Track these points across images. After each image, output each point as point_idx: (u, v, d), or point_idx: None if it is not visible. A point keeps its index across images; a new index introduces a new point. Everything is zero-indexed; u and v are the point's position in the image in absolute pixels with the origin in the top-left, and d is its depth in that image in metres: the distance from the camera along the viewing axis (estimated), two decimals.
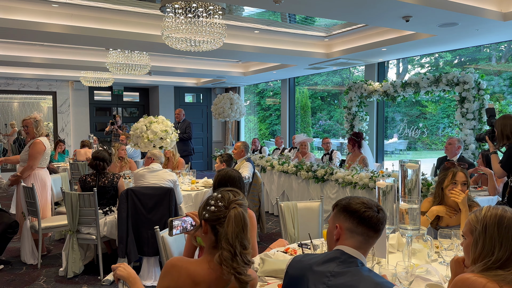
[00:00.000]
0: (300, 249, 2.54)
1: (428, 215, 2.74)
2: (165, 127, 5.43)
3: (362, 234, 1.53)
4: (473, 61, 10.95)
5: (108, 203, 4.22)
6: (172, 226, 1.92)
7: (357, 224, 1.53)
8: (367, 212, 1.53)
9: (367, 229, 1.53)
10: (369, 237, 1.54)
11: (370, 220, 1.52)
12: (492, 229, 1.44)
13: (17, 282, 4.02)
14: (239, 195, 1.65)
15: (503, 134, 3.34)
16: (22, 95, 10.54)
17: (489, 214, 1.47)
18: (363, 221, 1.53)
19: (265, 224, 5.40)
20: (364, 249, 1.55)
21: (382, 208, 1.58)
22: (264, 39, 6.72)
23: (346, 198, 1.61)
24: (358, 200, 1.57)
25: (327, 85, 14.69)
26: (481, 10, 4.57)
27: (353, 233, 1.54)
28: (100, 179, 4.20)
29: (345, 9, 4.40)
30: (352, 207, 1.56)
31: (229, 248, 1.53)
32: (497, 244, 1.41)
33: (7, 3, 4.99)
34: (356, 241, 1.53)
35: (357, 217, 1.53)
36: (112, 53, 6.52)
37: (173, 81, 11.36)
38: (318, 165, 5.85)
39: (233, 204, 1.60)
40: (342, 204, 1.59)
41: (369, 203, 1.56)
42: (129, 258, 3.86)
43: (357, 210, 1.54)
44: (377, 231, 1.54)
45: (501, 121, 3.39)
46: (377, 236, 1.56)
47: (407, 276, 1.88)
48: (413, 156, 12.93)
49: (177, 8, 4.05)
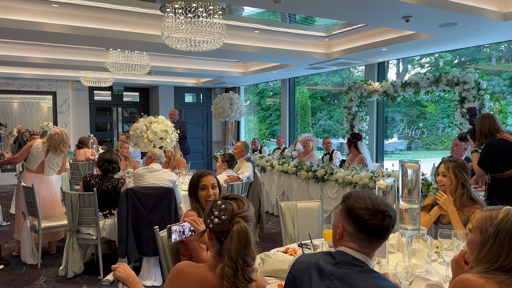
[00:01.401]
0: (300, 249, 2.54)
1: (431, 214, 2.76)
2: (165, 127, 5.42)
3: (365, 240, 1.46)
4: (473, 61, 10.95)
5: (109, 207, 4.20)
6: (171, 232, 1.92)
7: (359, 231, 1.46)
8: (370, 221, 1.44)
9: (370, 236, 1.45)
10: (372, 243, 1.47)
11: (373, 229, 1.44)
12: (503, 237, 1.38)
13: (17, 282, 4.02)
14: (243, 205, 1.59)
15: (482, 133, 3.47)
16: (22, 95, 10.54)
17: (506, 220, 1.40)
18: (365, 229, 1.45)
19: (265, 224, 5.40)
20: (368, 251, 1.49)
21: (389, 214, 1.46)
22: (264, 39, 6.72)
23: (354, 196, 1.51)
24: (364, 204, 1.46)
25: (327, 85, 14.69)
26: (481, 10, 4.57)
27: (355, 238, 1.47)
28: (104, 183, 4.17)
29: (345, 9, 4.40)
30: (355, 212, 1.47)
31: (232, 264, 1.50)
32: (504, 253, 1.37)
33: (7, 3, 4.98)
34: (358, 245, 1.47)
35: (359, 224, 1.46)
36: (112, 53, 6.51)
37: (173, 81, 11.36)
38: (318, 165, 5.85)
39: (236, 218, 1.55)
40: (347, 205, 1.50)
41: (374, 209, 1.45)
42: (129, 258, 3.85)
43: (360, 217, 1.45)
44: (381, 238, 1.47)
45: (480, 120, 3.52)
46: (382, 241, 1.49)
47: (407, 276, 1.88)
48: (413, 156, 12.93)
49: (177, 8, 4.04)
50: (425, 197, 4.21)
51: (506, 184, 3.38)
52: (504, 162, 3.36)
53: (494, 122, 3.43)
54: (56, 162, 4.83)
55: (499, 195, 3.25)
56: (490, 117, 3.48)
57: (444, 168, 2.75)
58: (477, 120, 3.54)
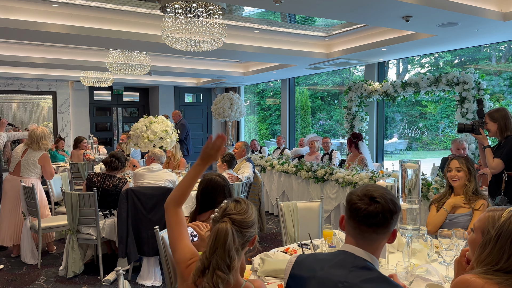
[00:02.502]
0: (300, 249, 2.54)
1: (445, 207, 2.83)
2: (165, 127, 5.43)
3: (355, 228, 1.41)
4: (473, 61, 10.95)
5: (109, 206, 4.20)
6: None
7: (349, 217, 1.43)
8: (357, 204, 1.39)
9: (358, 223, 1.39)
10: (362, 232, 1.39)
11: (358, 213, 1.38)
12: (505, 240, 1.37)
13: (17, 282, 4.02)
14: (241, 208, 1.51)
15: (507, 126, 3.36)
16: (22, 95, 10.53)
17: (508, 223, 1.38)
18: (352, 214, 1.41)
19: (265, 224, 5.40)
20: (369, 246, 1.41)
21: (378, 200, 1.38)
22: (264, 39, 6.72)
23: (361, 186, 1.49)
24: (359, 191, 1.43)
25: (327, 85, 14.70)
26: (481, 10, 4.57)
27: (349, 226, 1.44)
28: (106, 182, 4.18)
29: (345, 9, 4.40)
30: (349, 197, 1.44)
31: (204, 261, 1.45)
32: (505, 256, 1.36)
33: (7, 3, 4.99)
34: (353, 236, 1.42)
35: (349, 210, 1.43)
36: (112, 53, 6.51)
37: (173, 81, 11.36)
38: (318, 165, 5.85)
39: (226, 218, 1.48)
40: (349, 194, 1.47)
41: (363, 194, 1.40)
42: (129, 258, 3.86)
43: (350, 201, 1.42)
44: (369, 225, 1.38)
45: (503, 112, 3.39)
46: (372, 231, 1.39)
47: (407, 276, 1.88)
48: (413, 156, 12.93)
49: (177, 8, 4.04)
50: (425, 197, 4.23)
51: None
52: None
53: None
54: (32, 162, 4.69)
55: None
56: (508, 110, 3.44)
57: (458, 164, 2.86)
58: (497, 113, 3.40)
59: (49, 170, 4.82)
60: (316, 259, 1.47)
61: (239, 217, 1.49)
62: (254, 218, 1.54)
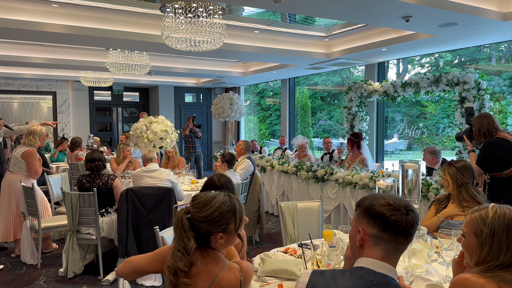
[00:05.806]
0: (300, 249, 2.54)
1: (440, 216, 2.81)
2: (165, 127, 5.43)
3: (390, 241, 1.33)
4: (473, 61, 10.96)
5: (104, 205, 4.19)
6: None
7: (383, 230, 1.33)
8: (394, 216, 1.32)
9: (395, 235, 1.32)
10: (397, 244, 1.34)
11: (398, 225, 1.32)
12: (500, 234, 1.39)
13: (17, 282, 4.02)
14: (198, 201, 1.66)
15: (480, 132, 3.45)
16: (22, 95, 10.53)
17: (497, 217, 1.40)
18: (389, 227, 1.32)
19: (265, 224, 5.40)
20: (394, 259, 1.35)
21: (412, 208, 1.35)
22: (264, 39, 6.72)
23: (369, 197, 1.40)
24: (383, 200, 1.35)
25: (327, 85, 14.70)
26: (481, 10, 4.57)
27: (379, 240, 1.33)
28: (95, 181, 4.18)
29: (345, 9, 4.40)
30: (376, 210, 1.34)
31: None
32: (504, 249, 1.38)
33: (7, 3, 4.99)
34: (383, 250, 1.33)
35: (382, 222, 1.33)
36: (112, 53, 6.51)
37: (173, 81, 11.36)
38: (318, 165, 5.85)
39: (190, 205, 1.67)
40: (365, 205, 1.38)
41: (396, 204, 1.34)
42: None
43: (382, 214, 1.33)
44: (407, 236, 1.34)
45: (478, 119, 3.50)
46: (408, 241, 1.36)
47: (407, 276, 1.88)
48: (413, 156, 12.93)
49: (177, 8, 4.04)
50: (425, 197, 4.22)
51: (505, 184, 3.38)
52: (503, 161, 3.36)
53: (492, 121, 3.44)
54: (16, 156, 4.63)
55: (498, 194, 3.26)
56: (489, 116, 3.48)
57: (442, 172, 2.88)
58: (475, 120, 3.53)
59: (33, 168, 4.59)
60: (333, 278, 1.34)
61: (193, 210, 1.65)
62: (208, 215, 1.62)
